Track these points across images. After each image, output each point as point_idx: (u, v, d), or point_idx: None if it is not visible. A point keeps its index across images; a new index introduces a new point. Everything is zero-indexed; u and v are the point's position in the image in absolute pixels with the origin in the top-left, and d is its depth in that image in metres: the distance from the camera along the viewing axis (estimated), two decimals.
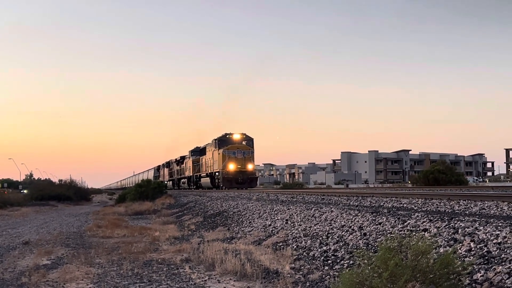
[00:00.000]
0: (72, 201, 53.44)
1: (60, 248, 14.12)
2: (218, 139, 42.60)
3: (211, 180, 44.81)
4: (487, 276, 5.73)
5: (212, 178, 44.45)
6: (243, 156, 40.82)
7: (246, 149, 41.29)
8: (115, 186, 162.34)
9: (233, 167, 40.52)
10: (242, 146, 41.46)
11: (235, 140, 41.89)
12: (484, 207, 10.31)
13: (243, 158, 40.79)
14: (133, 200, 40.01)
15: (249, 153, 41.28)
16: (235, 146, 41.16)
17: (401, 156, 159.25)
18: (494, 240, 6.72)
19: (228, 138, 42.14)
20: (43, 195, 51.86)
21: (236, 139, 42.04)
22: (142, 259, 11.30)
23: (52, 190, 56.22)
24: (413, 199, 13.76)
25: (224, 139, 42.19)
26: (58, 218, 29.29)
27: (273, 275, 8.41)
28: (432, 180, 47.91)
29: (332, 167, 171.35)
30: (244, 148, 41.24)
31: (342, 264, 8.22)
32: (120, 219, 24.46)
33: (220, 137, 42.68)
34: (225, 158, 40.62)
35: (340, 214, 11.96)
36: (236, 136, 42.19)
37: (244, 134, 42.66)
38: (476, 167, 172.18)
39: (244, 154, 40.90)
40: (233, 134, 42.27)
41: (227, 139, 42.10)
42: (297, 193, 22.12)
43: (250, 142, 42.48)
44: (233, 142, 41.73)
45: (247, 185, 40.84)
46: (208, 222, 18.67)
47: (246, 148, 41.39)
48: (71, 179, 69.20)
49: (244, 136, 42.53)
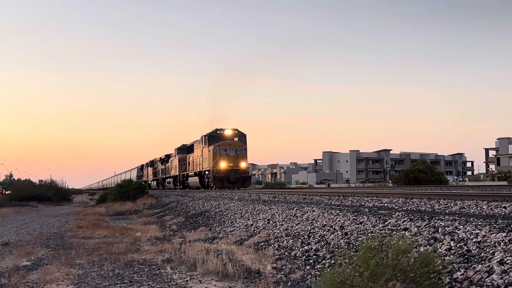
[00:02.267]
0: (52, 201, 53.02)
1: (40, 249, 14.00)
2: (208, 135, 40.02)
3: (200, 179, 42.46)
4: (467, 275, 5.78)
5: (201, 177, 42.09)
6: (236, 153, 38.27)
7: (238, 145, 38.80)
8: (96, 186, 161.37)
9: (225, 165, 37.94)
10: (234, 142, 38.94)
11: (226, 136, 39.42)
12: (464, 206, 10.40)
13: (236, 156, 38.23)
14: (114, 200, 39.76)
15: (241, 150, 38.67)
16: (226, 142, 38.65)
17: (382, 156, 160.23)
18: (474, 239, 6.77)
19: (219, 134, 39.60)
20: (23, 195, 51.36)
21: (227, 135, 39.53)
22: (123, 260, 11.24)
23: (32, 190, 55.71)
24: (393, 198, 13.85)
25: (214, 135, 39.62)
26: (38, 218, 29.05)
27: (254, 275, 8.41)
28: (413, 180, 48.33)
29: (313, 166, 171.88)
30: (236, 145, 38.74)
31: (323, 263, 8.24)
32: (101, 220, 24.32)
33: (210, 133, 40.03)
34: (216, 155, 38.04)
35: (322, 213, 11.99)
36: (227, 132, 39.61)
37: (236, 129, 40.08)
38: (456, 167, 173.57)
39: (236, 151, 38.31)
40: (224, 130, 39.65)
41: (218, 135, 39.55)
42: (279, 193, 22.15)
43: (243, 139, 39.88)
44: (225, 138, 39.26)
45: (239, 184, 38.36)
46: (190, 222, 18.63)
47: (239, 145, 38.90)
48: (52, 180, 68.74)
49: (236, 132, 39.98)
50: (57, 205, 51.15)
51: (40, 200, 50.97)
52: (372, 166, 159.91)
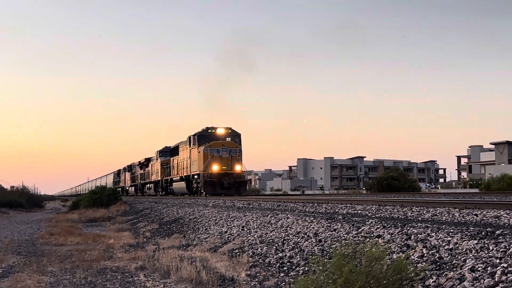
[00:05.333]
0: (24, 208, 52.26)
1: (12, 256, 13.80)
2: (197, 134, 35.37)
3: (187, 184, 37.98)
4: (439, 282, 5.85)
5: (189, 182, 37.51)
6: (229, 155, 33.63)
7: (233, 146, 34.15)
8: (69, 192, 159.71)
9: (217, 168, 33.24)
10: (227, 143, 34.33)
11: (219, 135, 34.81)
12: (436, 213, 10.51)
13: (229, 158, 33.58)
14: (87, 207, 39.37)
15: (236, 151, 34.07)
16: (219, 142, 34.04)
17: (356, 163, 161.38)
18: (446, 246, 6.85)
19: (211, 134, 34.92)
20: None
21: (220, 134, 34.89)
22: (96, 267, 11.13)
23: (3, 196, 54.81)
24: (367, 205, 13.93)
25: (205, 135, 34.94)
26: (10, 225, 28.62)
27: (228, 282, 8.40)
28: (386, 187, 48.75)
29: (288, 173, 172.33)
30: (230, 146, 34.07)
31: (297, 270, 8.26)
32: (73, 227, 24.07)
33: (200, 132, 35.40)
34: (207, 157, 33.24)
35: (296, 220, 12.03)
36: (220, 131, 34.96)
37: (230, 128, 35.50)
38: (429, 174, 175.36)
39: (230, 153, 33.68)
40: (216, 129, 34.99)
41: (209, 135, 34.87)
42: (253, 200, 22.16)
43: (237, 138, 35.31)
44: (217, 138, 34.64)
45: (234, 190, 33.77)
46: (164, 229, 18.53)
47: (233, 146, 34.23)
48: (23, 186, 67.75)
49: (230, 130, 35.37)
50: (29, 212, 50.45)
51: (11, 207, 50.19)
52: (346, 173, 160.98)
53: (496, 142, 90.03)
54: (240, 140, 35.36)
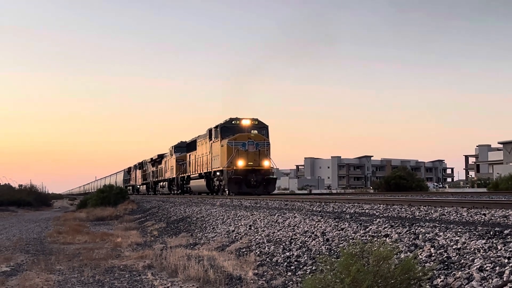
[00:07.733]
0: (32, 206, 52.48)
1: (20, 254, 13.87)
2: (220, 126, 31.40)
3: (207, 182, 34.02)
4: (447, 281, 5.83)
5: (209, 179, 33.69)
6: (256, 149, 29.80)
7: (260, 139, 30.20)
8: (77, 191, 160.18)
9: (243, 164, 29.49)
10: (254, 135, 30.33)
11: (244, 127, 30.80)
12: (444, 213, 10.48)
13: (257, 152, 29.77)
14: (94, 205, 39.52)
15: (264, 145, 30.14)
16: (245, 135, 30.14)
17: (363, 162, 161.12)
18: (454, 245, 6.83)
19: (235, 125, 30.99)
20: (2, 200, 50.73)
21: (245, 125, 30.88)
22: (104, 266, 11.17)
23: (12, 195, 55.13)
24: (374, 204, 13.90)
25: (229, 126, 31.08)
26: (18, 224, 28.76)
27: (236, 281, 8.40)
28: (394, 186, 48.68)
29: (295, 172, 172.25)
30: (257, 139, 30.12)
31: (304, 269, 8.25)
32: (81, 225, 24.16)
33: (223, 123, 31.50)
34: (232, 151, 29.43)
35: (303, 219, 12.01)
36: (245, 122, 30.98)
37: (256, 119, 31.51)
38: (436, 173, 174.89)
39: (258, 147, 29.83)
40: (241, 120, 31.04)
41: (233, 127, 30.97)
42: (260, 199, 22.15)
43: (264, 131, 31.33)
44: (242, 130, 30.65)
45: (262, 189, 29.79)
46: (171, 228, 18.57)
47: (260, 139, 30.28)
48: (32, 184, 68.23)
49: (257, 122, 31.40)
50: (37, 210, 50.63)
51: (19, 205, 50.43)
52: (353, 172, 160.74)
53: (504, 142, 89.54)
54: (267, 132, 31.54)
